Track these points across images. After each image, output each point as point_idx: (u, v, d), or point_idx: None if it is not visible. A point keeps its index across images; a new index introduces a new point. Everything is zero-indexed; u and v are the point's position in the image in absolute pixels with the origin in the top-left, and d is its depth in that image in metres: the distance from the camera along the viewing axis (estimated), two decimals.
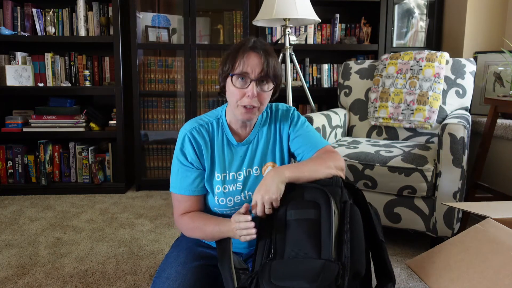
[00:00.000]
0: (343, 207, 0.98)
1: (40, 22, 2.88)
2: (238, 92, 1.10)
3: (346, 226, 0.95)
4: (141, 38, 2.97)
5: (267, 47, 1.11)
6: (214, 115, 1.23)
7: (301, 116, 1.28)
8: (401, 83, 2.33)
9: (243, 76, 1.09)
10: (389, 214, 1.93)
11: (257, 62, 1.08)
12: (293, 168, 1.07)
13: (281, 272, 0.90)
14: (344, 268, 0.90)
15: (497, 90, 2.54)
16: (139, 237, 2.14)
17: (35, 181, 2.91)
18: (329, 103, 3.11)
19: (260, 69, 1.08)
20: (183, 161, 1.17)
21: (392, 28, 3.01)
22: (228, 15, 3.02)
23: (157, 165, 3.06)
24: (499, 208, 1.30)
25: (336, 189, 1.02)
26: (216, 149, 1.19)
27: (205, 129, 1.19)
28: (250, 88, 1.08)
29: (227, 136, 1.21)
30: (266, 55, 1.09)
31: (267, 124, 1.25)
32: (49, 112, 2.90)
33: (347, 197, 1.02)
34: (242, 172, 1.20)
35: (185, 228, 1.18)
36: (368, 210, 1.07)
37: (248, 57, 1.09)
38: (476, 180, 2.18)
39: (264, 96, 1.12)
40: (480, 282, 1.00)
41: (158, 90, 3.00)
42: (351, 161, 1.95)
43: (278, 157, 1.24)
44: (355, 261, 0.93)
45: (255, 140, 1.23)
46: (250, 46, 1.10)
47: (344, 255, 0.92)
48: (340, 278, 0.88)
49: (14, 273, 1.74)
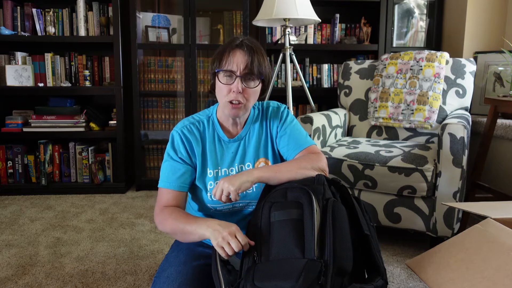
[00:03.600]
0: (325, 205, 0.99)
1: (40, 22, 2.88)
2: (225, 88, 1.14)
3: (328, 224, 0.95)
4: (141, 38, 2.97)
5: (254, 45, 1.15)
6: (205, 114, 1.27)
7: (290, 115, 1.30)
8: (401, 83, 2.33)
9: (229, 72, 1.13)
10: (389, 214, 1.93)
11: (242, 59, 1.13)
12: (265, 169, 1.12)
13: (264, 274, 0.90)
14: (326, 266, 0.89)
15: (497, 90, 2.54)
16: (139, 237, 2.14)
17: (35, 181, 2.91)
18: (329, 103, 3.11)
19: (245, 65, 1.12)
20: (173, 156, 1.20)
21: (392, 28, 3.01)
22: (228, 15, 3.02)
23: (157, 165, 3.06)
24: (499, 208, 1.30)
25: (319, 187, 1.03)
26: (208, 146, 1.22)
27: (196, 127, 1.22)
28: (235, 84, 1.13)
29: (218, 133, 1.24)
30: (252, 53, 1.13)
31: (258, 121, 1.27)
32: (49, 112, 2.90)
33: (330, 195, 1.02)
34: (234, 168, 1.22)
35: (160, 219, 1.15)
36: (353, 205, 1.07)
37: (233, 54, 1.13)
38: (476, 180, 2.18)
39: (250, 93, 1.15)
40: (480, 282, 1.00)
41: (158, 90, 3.00)
42: (351, 161, 1.95)
43: (270, 154, 1.26)
44: (339, 258, 0.92)
45: (246, 137, 1.25)
46: (236, 44, 1.15)
47: (326, 253, 0.92)
48: (323, 276, 0.88)
49: (14, 273, 1.74)
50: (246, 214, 1.25)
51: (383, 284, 1.00)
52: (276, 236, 0.96)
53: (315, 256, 0.91)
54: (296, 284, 0.85)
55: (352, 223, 1.03)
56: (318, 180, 1.06)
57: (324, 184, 1.04)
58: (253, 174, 1.08)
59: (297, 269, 0.88)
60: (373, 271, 1.04)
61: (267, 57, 1.23)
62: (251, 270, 0.93)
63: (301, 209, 0.97)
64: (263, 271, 0.91)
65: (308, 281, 0.85)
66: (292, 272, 0.87)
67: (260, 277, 0.90)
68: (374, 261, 1.04)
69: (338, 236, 0.94)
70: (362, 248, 1.06)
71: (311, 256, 0.90)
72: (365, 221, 1.06)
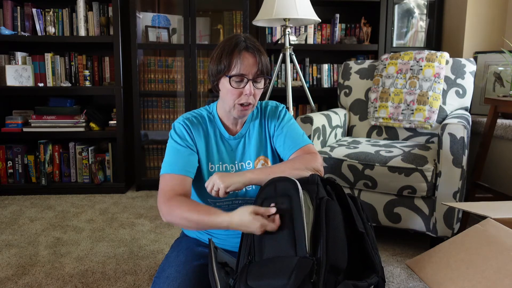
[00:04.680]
0: (319, 204, 0.99)
1: (40, 22, 2.88)
2: (236, 91, 1.14)
3: (322, 222, 0.95)
4: (141, 38, 2.97)
5: (257, 45, 1.16)
6: (205, 110, 1.27)
7: (288, 114, 1.31)
8: (401, 83, 2.33)
9: (240, 77, 1.13)
10: (389, 214, 1.93)
11: (252, 62, 1.13)
12: (258, 171, 1.12)
13: (257, 272, 0.90)
14: (319, 263, 0.89)
15: (497, 90, 2.54)
16: (139, 237, 2.14)
17: (35, 181, 2.91)
18: (329, 103, 3.11)
19: (256, 69, 1.13)
20: (178, 141, 1.18)
21: (392, 28, 3.01)
22: (228, 15, 3.03)
23: (157, 165, 3.06)
24: (499, 208, 1.30)
25: (312, 186, 1.03)
26: (210, 140, 1.23)
27: (198, 120, 1.23)
28: (248, 87, 1.13)
29: (220, 129, 1.24)
30: (260, 54, 1.14)
31: (258, 120, 1.28)
32: (49, 112, 2.90)
33: (324, 194, 1.02)
34: (234, 165, 1.23)
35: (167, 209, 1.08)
36: (348, 203, 1.06)
37: (243, 57, 1.12)
38: (476, 180, 2.18)
39: (258, 93, 1.17)
40: (480, 282, 1.00)
41: (158, 90, 3.00)
42: (351, 161, 1.95)
43: (269, 152, 1.27)
44: (332, 256, 0.92)
45: (247, 134, 1.26)
46: (244, 46, 1.13)
47: (319, 251, 0.91)
48: (315, 274, 0.87)
49: (14, 273, 1.74)
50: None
51: (378, 281, 1.00)
52: (269, 234, 0.96)
53: (307, 254, 0.90)
54: (288, 282, 0.84)
55: (347, 221, 1.03)
56: (311, 180, 1.05)
57: (318, 183, 1.04)
58: (245, 176, 1.08)
59: (288, 267, 0.87)
60: (368, 268, 1.04)
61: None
62: (244, 269, 0.93)
63: (291, 200, 0.97)
64: (256, 270, 0.91)
65: (299, 278, 0.85)
66: (284, 270, 0.87)
67: (252, 276, 0.90)
68: (369, 259, 1.03)
69: (332, 234, 0.94)
70: (357, 246, 1.06)
71: (303, 254, 0.90)
72: (361, 219, 1.06)
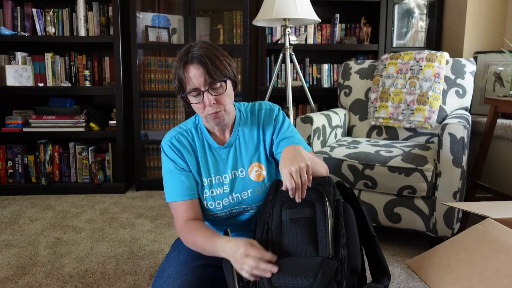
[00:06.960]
0: (337, 206, 1.01)
1: (40, 22, 2.88)
2: (199, 105, 1.11)
3: (341, 224, 0.97)
4: (141, 38, 2.97)
5: (203, 52, 1.08)
6: (192, 122, 1.24)
7: (286, 119, 1.26)
8: (401, 83, 2.33)
9: (194, 92, 1.09)
10: (389, 214, 1.93)
11: (198, 74, 1.07)
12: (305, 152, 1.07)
13: (281, 272, 0.91)
14: (342, 264, 0.92)
15: (497, 90, 2.54)
16: (139, 237, 2.14)
17: (35, 181, 2.91)
18: (329, 103, 3.11)
19: (204, 78, 1.07)
20: (171, 166, 1.17)
21: (392, 28, 3.01)
22: (228, 15, 3.02)
23: (157, 165, 3.06)
24: (499, 208, 1.30)
25: (329, 188, 1.04)
26: (199, 155, 1.20)
27: (185, 137, 1.20)
28: (206, 98, 1.09)
29: (208, 140, 1.21)
30: (204, 62, 1.07)
31: (248, 125, 1.23)
32: (49, 112, 2.90)
33: (339, 196, 1.04)
34: (228, 174, 1.20)
35: (182, 237, 1.15)
36: (360, 207, 1.09)
37: (189, 72, 1.08)
38: (476, 180, 2.18)
39: (223, 98, 1.11)
40: (480, 282, 1.00)
41: (158, 90, 3.00)
42: (351, 161, 1.95)
43: (263, 158, 1.22)
44: (352, 257, 0.94)
45: (236, 142, 1.22)
46: (186, 60, 1.09)
47: (341, 252, 0.94)
48: (339, 274, 0.90)
49: (14, 273, 1.74)
50: (243, 220, 1.24)
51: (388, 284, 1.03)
52: (287, 234, 0.97)
53: (329, 255, 0.92)
54: (314, 282, 0.86)
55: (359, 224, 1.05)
56: (328, 182, 1.06)
57: (333, 186, 1.06)
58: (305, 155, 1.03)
59: (313, 267, 0.89)
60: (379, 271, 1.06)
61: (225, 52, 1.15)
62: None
63: (313, 208, 0.98)
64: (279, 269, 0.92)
65: (326, 278, 0.87)
66: (309, 270, 0.88)
67: (276, 275, 0.90)
68: (380, 262, 1.06)
69: (350, 236, 0.97)
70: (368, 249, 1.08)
71: (325, 255, 0.92)
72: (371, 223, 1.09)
